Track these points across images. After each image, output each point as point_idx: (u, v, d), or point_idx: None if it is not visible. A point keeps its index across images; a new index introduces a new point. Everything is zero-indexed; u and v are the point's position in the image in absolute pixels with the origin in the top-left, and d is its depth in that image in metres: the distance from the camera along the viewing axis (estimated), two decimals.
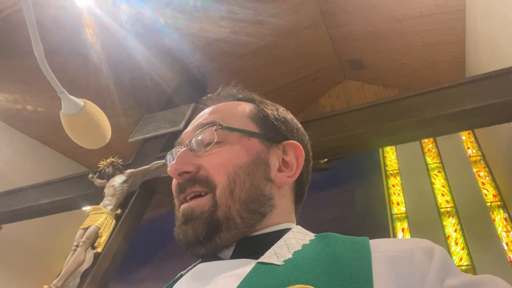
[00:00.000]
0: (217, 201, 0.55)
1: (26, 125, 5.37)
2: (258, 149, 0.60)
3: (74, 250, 2.70)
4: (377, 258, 0.43)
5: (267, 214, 0.57)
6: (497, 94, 2.58)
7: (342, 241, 0.48)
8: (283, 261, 0.44)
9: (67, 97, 0.85)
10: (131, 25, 4.30)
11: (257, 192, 0.57)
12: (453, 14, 4.37)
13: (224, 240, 0.54)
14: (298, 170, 0.63)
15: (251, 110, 0.66)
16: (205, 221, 0.54)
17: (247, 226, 0.55)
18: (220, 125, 0.60)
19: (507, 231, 4.23)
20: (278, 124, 0.65)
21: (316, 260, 0.43)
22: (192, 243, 0.55)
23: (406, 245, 0.45)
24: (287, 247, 0.48)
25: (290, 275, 0.41)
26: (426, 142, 5.74)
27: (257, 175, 0.58)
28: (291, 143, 0.64)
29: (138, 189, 3.29)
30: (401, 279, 0.40)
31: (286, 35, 5.24)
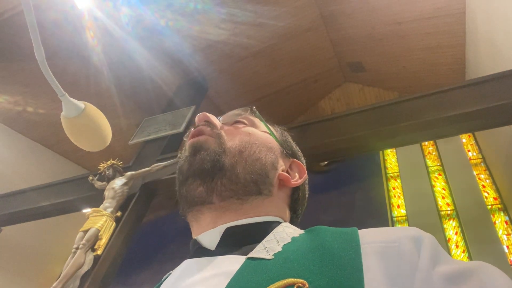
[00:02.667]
0: (226, 150, 0.59)
1: (26, 127, 5.37)
2: (274, 145, 0.66)
3: (74, 253, 2.69)
4: (367, 250, 0.42)
5: (262, 195, 0.58)
6: (498, 97, 2.58)
7: (331, 232, 0.48)
8: (273, 255, 0.43)
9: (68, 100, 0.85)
10: (131, 27, 4.31)
11: (262, 168, 0.60)
12: (453, 17, 4.38)
13: (224, 188, 0.56)
14: (300, 181, 0.67)
15: (277, 129, 0.74)
16: (213, 157, 0.57)
17: (244, 192, 0.57)
18: (254, 112, 0.69)
19: (508, 234, 4.22)
20: (294, 147, 0.74)
21: (306, 253, 0.43)
22: (194, 173, 0.56)
23: (394, 235, 0.44)
24: (277, 240, 0.48)
25: (280, 269, 0.40)
26: (426, 144, 5.74)
27: (267, 157, 0.62)
28: (298, 163, 0.70)
29: (138, 192, 3.29)
30: (391, 271, 0.39)
31: (287, 38, 5.25)
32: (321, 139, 3.00)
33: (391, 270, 0.39)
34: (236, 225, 0.54)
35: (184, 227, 2.35)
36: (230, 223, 0.54)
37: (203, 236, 0.55)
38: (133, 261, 4.92)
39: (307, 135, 3.05)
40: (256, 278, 0.40)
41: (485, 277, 0.37)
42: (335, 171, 5.66)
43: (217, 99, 5.73)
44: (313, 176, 5.91)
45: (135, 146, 4.18)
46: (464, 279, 0.37)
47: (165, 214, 6.07)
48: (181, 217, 0.60)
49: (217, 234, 0.53)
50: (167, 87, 5.01)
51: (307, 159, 0.76)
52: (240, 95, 5.76)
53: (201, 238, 0.55)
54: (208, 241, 0.54)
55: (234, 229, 0.54)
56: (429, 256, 0.40)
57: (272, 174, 0.61)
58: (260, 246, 0.47)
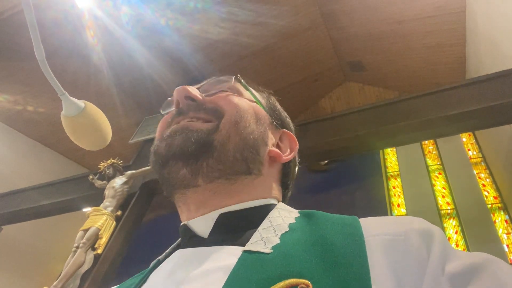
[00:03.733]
0: (220, 126, 0.53)
1: (26, 127, 5.37)
2: (262, 116, 0.61)
3: (74, 252, 2.70)
4: (371, 243, 0.40)
5: (252, 175, 0.54)
6: (498, 96, 2.58)
7: (331, 223, 0.45)
8: (271, 248, 0.41)
9: (68, 99, 0.85)
10: (131, 26, 4.31)
11: (255, 143, 0.55)
12: (453, 16, 4.37)
13: (210, 169, 0.51)
14: (291, 156, 0.62)
15: (263, 95, 0.69)
16: (200, 136, 0.51)
17: (233, 171, 0.52)
18: (239, 79, 0.62)
19: (508, 233, 4.23)
20: (283, 115, 0.68)
21: (307, 248, 0.40)
22: (174, 155, 0.50)
23: (400, 227, 0.42)
24: (274, 229, 0.45)
25: (280, 266, 0.38)
26: (426, 144, 5.74)
27: (259, 129, 0.58)
28: (289, 133, 0.65)
29: (138, 191, 3.29)
30: (398, 266, 0.37)
31: (287, 37, 5.24)
32: (321, 138, 3.00)
33: (398, 265, 0.37)
34: (230, 211, 0.51)
35: None
36: (224, 208, 0.51)
37: (194, 222, 0.51)
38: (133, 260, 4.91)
39: (307, 134, 3.05)
40: (256, 276, 0.37)
41: (496, 270, 0.36)
42: (335, 170, 5.66)
43: None
44: (313, 175, 5.91)
45: (135, 145, 4.18)
46: (475, 275, 0.36)
47: (165, 213, 6.08)
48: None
49: (210, 220, 0.50)
50: (167, 86, 5.00)
51: (307, 158, 0.74)
52: None
53: (192, 224, 0.51)
54: (200, 228, 0.50)
55: (227, 215, 0.50)
56: (439, 253, 0.38)
57: (263, 151, 0.57)
58: (257, 235, 0.44)
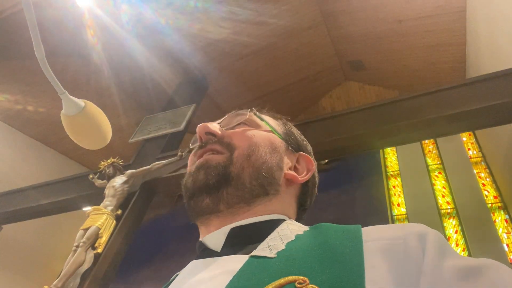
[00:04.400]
0: (233, 159, 0.60)
1: (26, 126, 5.37)
2: (278, 144, 0.67)
3: (75, 251, 2.70)
4: (370, 247, 0.42)
5: (270, 195, 0.59)
6: (498, 96, 2.58)
7: (334, 230, 0.48)
8: (276, 253, 0.43)
9: (68, 98, 0.85)
10: (132, 26, 4.31)
11: (269, 171, 0.61)
12: (453, 16, 4.37)
13: (230, 196, 0.56)
14: (307, 176, 0.67)
15: (279, 122, 0.75)
16: (218, 171, 0.58)
17: (252, 195, 0.58)
18: (254, 112, 0.70)
19: (508, 232, 4.22)
20: (299, 139, 0.74)
21: (309, 251, 0.43)
22: (199, 189, 0.57)
23: (399, 232, 0.43)
24: (281, 238, 0.48)
25: (282, 267, 0.40)
26: (426, 143, 5.74)
27: (272, 158, 0.63)
28: (305, 156, 0.71)
29: (138, 190, 3.29)
30: (397, 268, 0.38)
31: (287, 36, 5.24)
32: (322, 138, 3.00)
33: (397, 268, 0.39)
34: (240, 225, 0.55)
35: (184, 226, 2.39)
36: (235, 223, 0.55)
37: (208, 238, 0.56)
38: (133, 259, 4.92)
39: (307, 133, 3.02)
40: (257, 276, 0.40)
41: (495, 275, 0.36)
42: (336, 169, 5.65)
43: (217, 98, 5.73)
44: None
45: (135, 145, 4.18)
46: (474, 275, 0.36)
47: (165, 212, 6.08)
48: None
49: (222, 235, 0.54)
50: (167, 86, 5.01)
51: None
52: (240, 93, 5.76)
53: (206, 240, 0.56)
54: (213, 243, 0.55)
55: (238, 230, 0.54)
56: (435, 252, 0.39)
57: (278, 175, 0.62)
58: (264, 244, 0.47)
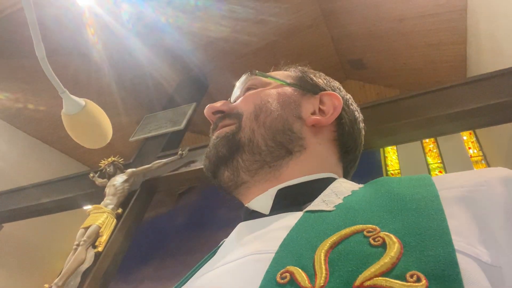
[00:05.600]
0: (241, 124, 0.55)
1: (27, 124, 5.37)
2: (290, 93, 0.60)
3: (75, 249, 2.70)
4: (448, 195, 0.35)
5: (295, 153, 0.54)
6: (499, 95, 2.57)
7: (398, 180, 0.41)
8: (334, 206, 0.39)
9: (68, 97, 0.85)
10: (132, 24, 4.31)
11: (284, 124, 0.55)
12: (454, 14, 4.36)
13: (248, 163, 0.52)
14: (335, 114, 0.59)
15: (292, 70, 0.67)
16: (226, 140, 0.54)
17: (273, 157, 0.53)
18: (254, 73, 0.62)
19: None
20: (316, 80, 0.64)
21: (372, 201, 0.37)
22: (215, 164, 0.55)
23: (479, 177, 0.36)
24: (336, 194, 0.43)
25: (344, 218, 0.35)
26: (427, 142, 5.74)
27: (286, 110, 0.57)
28: (328, 93, 0.61)
29: (139, 189, 3.29)
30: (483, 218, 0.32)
31: (287, 35, 5.23)
32: None
33: (483, 218, 0.32)
34: (288, 186, 0.50)
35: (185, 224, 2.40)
36: (281, 184, 0.50)
37: (254, 202, 0.51)
38: (134, 258, 4.93)
39: None
40: (317, 228, 0.35)
41: None
42: None
43: (218, 96, 5.73)
44: None
45: (136, 143, 4.18)
46: None
47: (166, 211, 6.09)
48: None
49: (269, 197, 0.50)
50: (168, 84, 5.00)
51: None
52: None
53: (252, 205, 0.51)
54: (260, 206, 0.50)
55: (286, 190, 0.50)
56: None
57: (298, 127, 0.56)
58: (318, 200, 0.43)
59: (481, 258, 0.29)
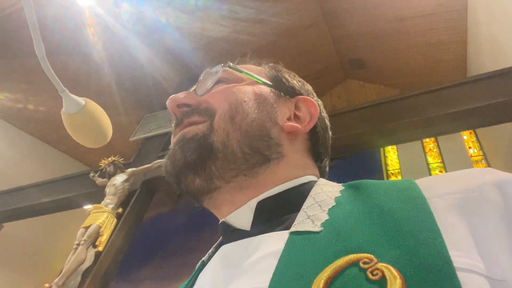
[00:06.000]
0: (214, 125, 0.48)
1: (27, 124, 5.37)
2: (266, 94, 0.54)
3: (75, 249, 2.70)
4: (439, 205, 0.33)
5: (273, 160, 0.49)
6: (499, 94, 2.57)
7: (383, 190, 0.39)
8: (321, 225, 0.36)
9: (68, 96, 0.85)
10: (132, 24, 4.30)
11: (261, 129, 0.49)
12: (455, 14, 4.36)
13: (222, 171, 0.46)
14: (312, 122, 0.55)
15: (265, 67, 0.62)
16: (197, 142, 0.47)
17: (249, 165, 0.47)
18: (228, 65, 0.56)
19: None
20: (291, 81, 0.60)
21: (361, 219, 0.35)
22: (181, 169, 0.47)
23: (470, 181, 0.34)
24: (319, 205, 0.40)
25: (335, 243, 0.32)
26: (427, 141, 5.73)
27: (263, 113, 0.51)
28: (304, 98, 0.57)
29: (139, 188, 3.30)
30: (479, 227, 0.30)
31: (287, 35, 5.23)
32: None
33: (479, 226, 0.31)
34: (268, 197, 0.46)
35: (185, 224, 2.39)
36: (260, 196, 0.46)
37: (233, 217, 0.47)
38: (134, 257, 4.93)
39: None
40: (308, 257, 0.32)
41: None
42: (336, 168, 5.64)
43: None
44: None
45: (136, 143, 4.19)
46: None
47: (166, 211, 6.08)
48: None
49: (249, 211, 0.46)
50: (168, 84, 5.00)
51: None
52: None
53: (231, 220, 0.47)
54: (240, 221, 0.46)
55: (266, 201, 0.46)
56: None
57: (275, 132, 0.51)
58: (302, 215, 0.39)
59: (486, 273, 0.28)
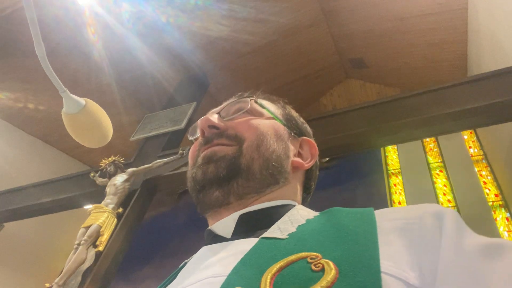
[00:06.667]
0: (243, 151, 0.58)
1: (27, 124, 5.38)
2: (282, 131, 0.65)
3: (76, 249, 2.70)
4: (385, 227, 0.41)
5: (280, 184, 0.59)
6: (499, 94, 2.57)
7: (347, 212, 0.47)
8: (287, 235, 0.43)
9: (69, 96, 0.85)
10: (132, 24, 4.30)
11: (278, 159, 0.60)
12: (455, 13, 4.35)
13: (241, 188, 0.55)
14: (312, 162, 0.67)
15: (278, 106, 0.73)
16: (228, 162, 0.56)
17: (261, 185, 0.57)
18: (255, 99, 0.67)
19: (509, 230, 4.22)
20: (299, 123, 0.73)
21: (321, 231, 0.42)
22: (210, 182, 0.56)
23: (414, 212, 0.42)
24: (291, 222, 0.48)
25: (293, 246, 0.39)
26: (427, 141, 5.73)
27: (280, 146, 0.62)
28: (308, 140, 0.70)
29: (139, 188, 3.29)
30: (413, 247, 0.37)
31: (288, 34, 5.23)
32: (322, 136, 2.99)
33: (413, 246, 0.37)
34: (250, 211, 0.54)
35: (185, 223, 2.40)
36: (244, 209, 0.54)
37: (217, 225, 0.55)
38: (135, 257, 4.93)
39: None
40: (268, 254, 0.39)
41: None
42: (336, 167, 5.65)
43: (218, 95, 5.72)
44: None
45: (136, 143, 4.18)
46: (497, 252, 0.34)
47: (167, 210, 6.09)
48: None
49: (231, 221, 0.53)
50: (168, 84, 5.00)
51: None
52: (241, 91, 5.71)
53: (215, 228, 0.55)
54: (223, 230, 0.54)
55: (247, 215, 0.53)
56: (453, 230, 0.37)
57: (286, 163, 0.61)
58: (274, 227, 0.47)
59: (409, 280, 0.33)
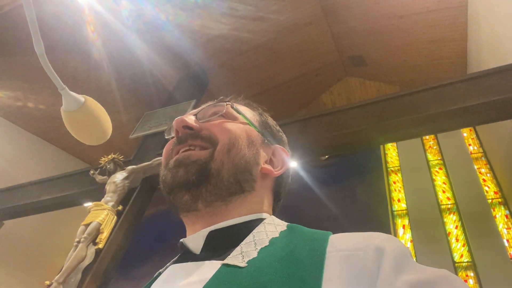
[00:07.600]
0: (215, 155, 0.58)
1: (27, 122, 5.37)
2: (255, 137, 0.65)
3: (76, 246, 2.71)
4: (332, 257, 0.43)
5: (245, 192, 0.59)
6: (499, 91, 2.57)
7: (303, 238, 0.49)
8: (247, 262, 0.45)
9: (68, 93, 0.85)
10: (132, 21, 4.30)
11: (247, 166, 0.60)
12: (455, 11, 4.35)
13: (208, 194, 0.56)
14: (283, 170, 0.67)
15: (256, 113, 0.73)
16: (199, 167, 0.56)
17: (227, 193, 0.57)
18: (231, 105, 0.67)
19: (508, 227, 4.23)
20: (274, 131, 0.73)
21: (276, 262, 0.44)
22: (179, 185, 0.56)
23: (362, 242, 0.45)
24: (255, 243, 0.49)
25: (251, 279, 0.41)
26: (427, 139, 5.74)
27: (250, 152, 0.62)
28: (281, 148, 0.70)
29: (139, 186, 3.30)
30: (353, 279, 0.40)
31: (287, 32, 5.22)
32: (322, 134, 3.00)
33: (353, 279, 0.40)
34: (218, 229, 0.55)
35: None
36: (213, 226, 0.55)
37: (189, 240, 0.57)
38: (134, 255, 4.94)
39: (308, 129, 3.04)
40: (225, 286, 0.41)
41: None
42: (336, 165, 5.66)
43: (218, 93, 5.70)
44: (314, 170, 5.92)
45: (136, 140, 4.18)
46: None
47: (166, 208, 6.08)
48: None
49: (201, 238, 0.55)
50: (168, 82, 5.00)
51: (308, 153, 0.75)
52: (241, 89, 5.75)
53: (187, 242, 0.57)
54: (193, 245, 0.55)
55: (216, 232, 0.55)
56: (390, 267, 0.40)
57: (255, 170, 0.62)
58: (238, 250, 0.48)
59: None
